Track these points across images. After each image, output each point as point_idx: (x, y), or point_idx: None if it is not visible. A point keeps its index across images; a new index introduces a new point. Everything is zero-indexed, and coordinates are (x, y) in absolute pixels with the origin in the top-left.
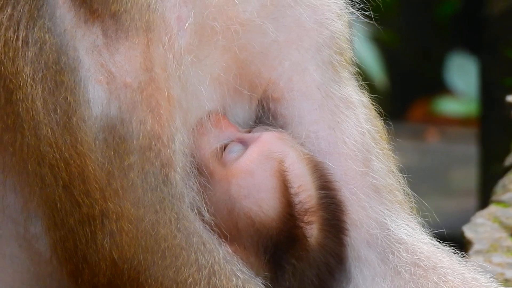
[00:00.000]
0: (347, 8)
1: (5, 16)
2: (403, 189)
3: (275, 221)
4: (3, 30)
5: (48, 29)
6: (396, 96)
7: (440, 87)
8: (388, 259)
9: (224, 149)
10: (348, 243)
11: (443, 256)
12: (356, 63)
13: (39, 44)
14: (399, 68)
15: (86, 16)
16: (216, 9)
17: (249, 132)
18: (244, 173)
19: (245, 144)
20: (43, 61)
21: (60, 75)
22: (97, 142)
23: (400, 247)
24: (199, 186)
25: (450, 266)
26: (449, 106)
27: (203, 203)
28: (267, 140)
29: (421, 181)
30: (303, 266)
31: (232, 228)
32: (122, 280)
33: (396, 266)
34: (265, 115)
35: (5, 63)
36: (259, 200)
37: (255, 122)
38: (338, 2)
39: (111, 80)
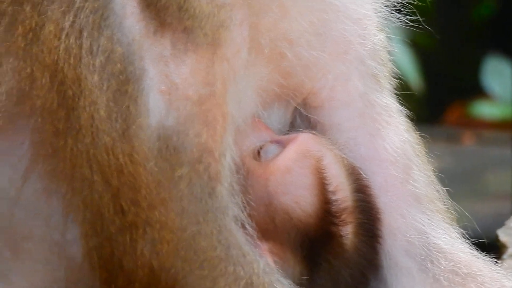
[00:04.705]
0: (384, 16)
1: (67, 22)
2: (443, 199)
3: (312, 217)
4: (64, 36)
5: (117, 40)
6: (432, 100)
7: (476, 91)
8: (427, 267)
9: (261, 149)
10: (385, 251)
11: (482, 265)
12: (392, 65)
13: (106, 54)
14: (435, 71)
15: (157, 27)
16: (270, 26)
17: (285, 134)
18: (283, 170)
19: (281, 144)
20: (110, 71)
21: (125, 84)
22: (152, 152)
23: (439, 255)
24: (243, 200)
25: (489, 275)
26: (485, 110)
27: (247, 216)
28: (304, 140)
29: (456, 184)
30: (339, 264)
31: (269, 225)
32: None
33: (435, 274)
34: (302, 122)
35: (65, 70)
36: (297, 197)
37: (290, 128)
38: (379, 14)
39: (174, 91)
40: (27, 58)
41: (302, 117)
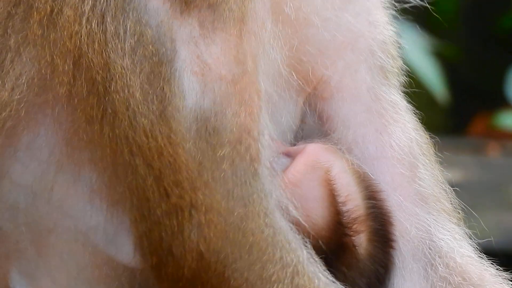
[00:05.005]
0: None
1: (86, 7)
2: (450, 199)
3: (324, 229)
4: (84, 21)
5: (146, 22)
6: (457, 111)
7: (501, 101)
8: (427, 272)
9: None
10: (397, 253)
11: (476, 270)
12: (417, 77)
13: (136, 37)
14: (460, 82)
15: (182, 7)
16: (295, 1)
17: (294, 145)
18: (292, 184)
19: (290, 156)
20: (141, 53)
21: (158, 66)
22: (190, 133)
23: (439, 261)
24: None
25: (479, 283)
26: (509, 121)
27: (289, 200)
28: (312, 151)
29: (481, 195)
30: (354, 275)
31: None
32: (208, 274)
33: (433, 281)
34: (311, 116)
35: (89, 55)
36: (308, 210)
37: (300, 125)
38: (388, 12)
39: (207, 72)
40: (46, 46)
41: (313, 112)
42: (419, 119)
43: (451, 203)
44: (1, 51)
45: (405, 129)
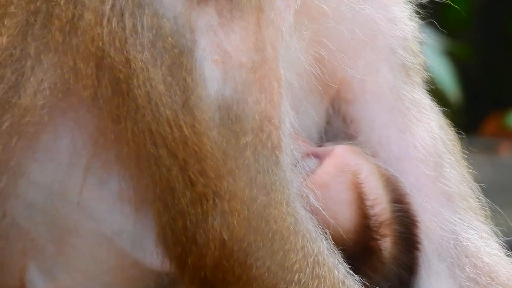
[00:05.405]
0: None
1: (107, 7)
2: (477, 197)
3: (350, 233)
4: (105, 21)
5: (163, 15)
6: (469, 110)
7: None
8: (455, 272)
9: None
10: (422, 254)
11: (504, 270)
12: (430, 77)
13: (154, 30)
14: (472, 82)
15: None
16: None
17: (322, 146)
18: (321, 186)
19: (318, 158)
20: (161, 46)
21: (179, 57)
22: (214, 121)
23: (466, 261)
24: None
25: (507, 282)
26: None
27: (309, 190)
28: (341, 153)
29: (493, 195)
30: (379, 278)
31: None
32: (230, 262)
33: (461, 281)
34: (337, 119)
35: (112, 54)
36: (335, 213)
37: (325, 128)
38: (408, 7)
39: (227, 60)
40: (68, 52)
41: (337, 114)
42: None
43: (478, 201)
44: (21, 58)
45: (429, 128)
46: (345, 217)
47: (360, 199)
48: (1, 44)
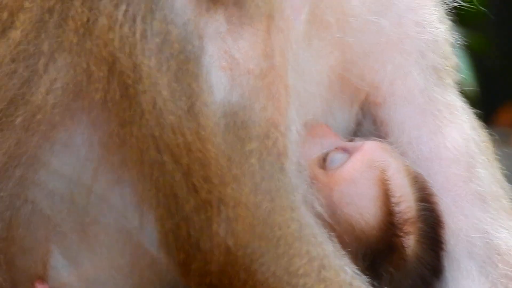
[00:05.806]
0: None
1: (120, 13)
2: (510, 197)
3: (375, 229)
4: (118, 27)
5: (171, 21)
6: (484, 101)
7: None
8: (487, 270)
9: (326, 157)
10: (447, 252)
11: None
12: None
13: (162, 36)
14: (487, 72)
15: (208, 4)
16: (331, 2)
17: (351, 141)
18: (347, 181)
19: (347, 152)
20: (168, 52)
21: (185, 63)
22: (219, 127)
23: (498, 258)
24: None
25: None
26: None
27: (315, 196)
28: (369, 149)
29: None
30: (400, 276)
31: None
32: (234, 268)
33: (494, 279)
34: (366, 121)
35: (121, 59)
36: (361, 208)
37: (355, 129)
38: (439, 7)
39: (235, 67)
40: (81, 53)
41: (367, 117)
42: None
43: (511, 201)
44: (34, 54)
45: (461, 129)
46: (370, 213)
47: (386, 196)
48: (15, 38)
